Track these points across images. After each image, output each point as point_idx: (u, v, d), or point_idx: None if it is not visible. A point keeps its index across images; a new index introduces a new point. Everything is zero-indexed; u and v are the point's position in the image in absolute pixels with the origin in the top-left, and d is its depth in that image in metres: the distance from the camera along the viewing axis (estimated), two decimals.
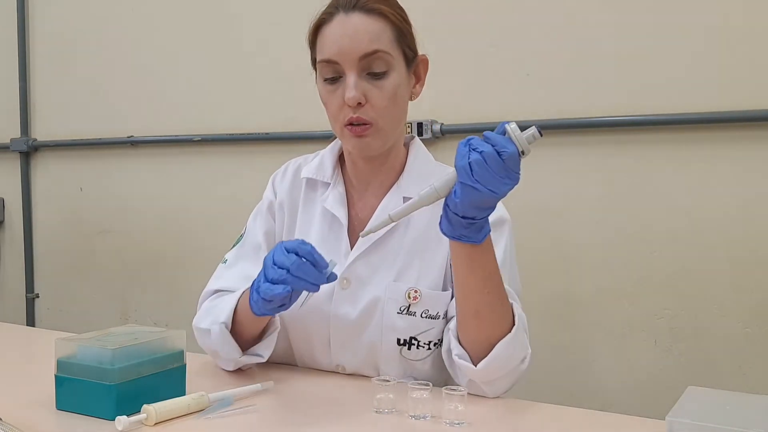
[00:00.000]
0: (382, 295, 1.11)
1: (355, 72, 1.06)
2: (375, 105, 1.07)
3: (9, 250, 2.92)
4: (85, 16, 2.67)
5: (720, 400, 0.83)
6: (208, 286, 1.21)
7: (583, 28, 1.81)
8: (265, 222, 1.24)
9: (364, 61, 1.06)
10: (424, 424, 0.91)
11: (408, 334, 1.11)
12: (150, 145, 2.54)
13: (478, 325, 1.00)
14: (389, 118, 1.10)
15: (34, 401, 0.97)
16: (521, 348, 1.03)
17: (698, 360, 1.71)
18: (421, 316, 1.11)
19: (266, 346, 1.12)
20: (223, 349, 1.10)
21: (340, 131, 1.11)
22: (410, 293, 1.11)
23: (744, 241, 1.65)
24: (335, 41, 1.06)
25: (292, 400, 1.02)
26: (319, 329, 1.15)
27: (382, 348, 1.12)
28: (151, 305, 2.57)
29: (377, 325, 1.11)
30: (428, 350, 1.12)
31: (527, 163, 0.94)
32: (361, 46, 1.05)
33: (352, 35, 1.05)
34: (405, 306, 1.11)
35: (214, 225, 2.39)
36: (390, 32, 1.08)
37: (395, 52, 1.08)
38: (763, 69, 1.63)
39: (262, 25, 2.29)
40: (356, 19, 1.06)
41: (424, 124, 1.95)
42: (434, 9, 1.94)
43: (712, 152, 1.68)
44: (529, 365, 1.06)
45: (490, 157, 0.90)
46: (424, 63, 1.16)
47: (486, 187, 0.89)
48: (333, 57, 1.06)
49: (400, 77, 1.10)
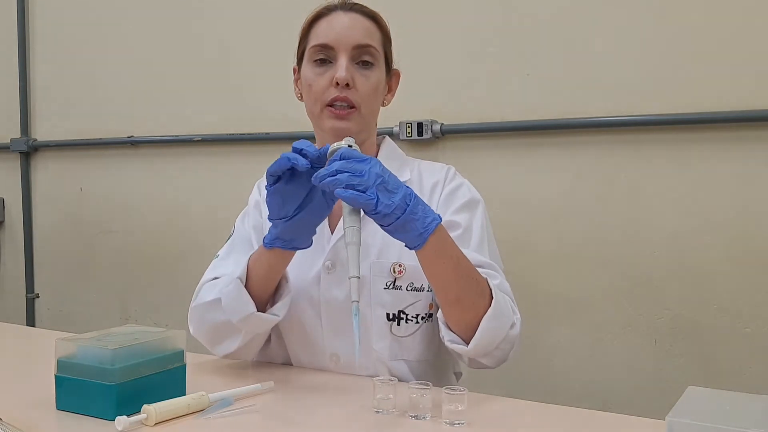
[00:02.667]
0: (367, 274, 1.14)
1: (347, 58, 1.13)
2: (360, 91, 1.14)
3: (9, 250, 2.92)
4: (85, 16, 2.67)
5: (720, 400, 0.83)
6: (204, 277, 1.22)
7: (582, 28, 1.81)
8: (252, 218, 1.27)
9: (356, 50, 1.14)
10: (424, 424, 0.91)
11: (396, 308, 1.15)
12: (150, 145, 2.54)
13: (461, 310, 1.04)
14: (369, 106, 1.16)
15: (34, 401, 0.97)
16: (505, 317, 1.06)
17: (698, 360, 1.71)
18: (406, 289, 1.15)
19: (282, 306, 1.11)
20: (237, 306, 1.08)
21: (320, 112, 1.16)
22: (395, 268, 1.15)
23: (744, 241, 1.65)
24: (332, 28, 1.15)
25: (292, 400, 1.02)
26: (310, 318, 1.17)
27: (372, 327, 1.14)
28: (151, 305, 2.57)
29: (366, 303, 1.14)
30: (416, 324, 1.16)
31: (527, 163, 0.94)
32: (356, 37, 1.14)
33: (350, 26, 1.14)
34: (391, 281, 1.15)
35: (214, 225, 2.39)
36: (379, 35, 1.18)
37: (381, 53, 1.18)
38: (764, 69, 1.63)
39: (262, 25, 2.29)
40: (354, 16, 1.16)
41: (424, 124, 1.95)
42: (434, 9, 1.94)
43: (712, 152, 1.68)
44: (520, 329, 1.09)
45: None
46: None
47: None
48: (329, 42, 1.14)
49: (382, 76, 1.18)
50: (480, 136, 1.93)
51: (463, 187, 1.22)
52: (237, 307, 1.08)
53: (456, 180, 1.23)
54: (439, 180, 1.23)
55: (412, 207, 0.95)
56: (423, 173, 1.25)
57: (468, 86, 1.95)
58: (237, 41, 2.35)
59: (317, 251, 1.17)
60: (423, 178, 1.24)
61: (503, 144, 1.91)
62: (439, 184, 1.22)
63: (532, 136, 1.87)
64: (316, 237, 1.14)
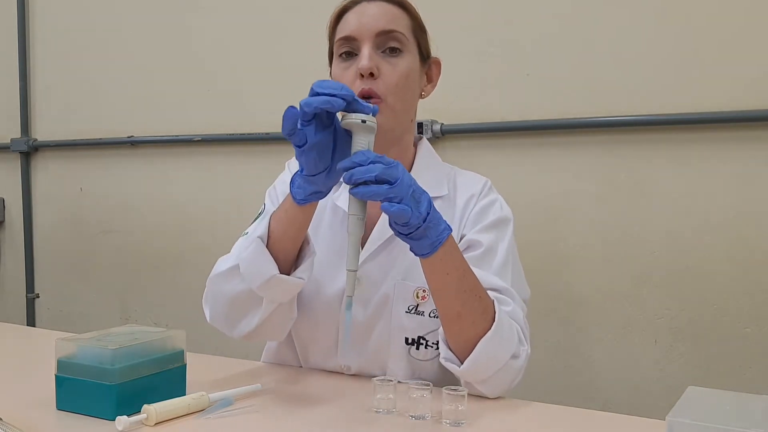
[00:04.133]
0: (390, 294, 1.11)
1: (371, 45, 1.07)
2: (386, 80, 1.07)
3: (9, 250, 2.92)
4: (85, 16, 2.67)
5: (720, 400, 0.83)
6: (227, 256, 1.12)
7: (583, 28, 1.81)
8: (284, 194, 1.17)
9: (380, 38, 1.08)
10: (424, 424, 0.91)
11: (416, 334, 1.11)
12: (150, 145, 2.54)
13: (460, 326, 1.00)
14: (399, 97, 1.08)
15: (34, 401, 0.97)
16: (507, 343, 1.01)
17: (698, 360, 1.71)
18: (429, 315, 1.11)
19: (306, 269, 1.03)
20: (258, 269, 1.00)
21: None
22: (418, 293, 1.11)
23: (744, 241, 1.65)
24: (355, 20, 1.09)
25: (292, 400, 1.02)
26: (327, 331, 1.14)
27: (390, 348, 1.12)
28: (151, 305, 2.57)
29: (386, 325, 1.11)
30: (436, 350, 1.11)
31: (528, 163, 0.94)
32: (379, 24, 1.08)
33: (372, 15, 1.09)
34: (413, 305, 1.11)
35: (214, 225, 2.39)
36: (408, 21, 1.11)
37: (411, 39, 1.11)
38: (764, 69, 1.63)
39: (263, 25, 2.28)
40: (380, 4, 1.10)
41: (424, 124, 1.95)
42: (434, 9, 1.94)
43: (712, 152, 1.68)
44: (525, 363, 1.05)
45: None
46: (437, 65, 1.19)
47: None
48: (351, 33, 1.09)
49: (414, 64, 1.11)
50: (480, 136, 1.93)
51: (496, 204, 1.17)
52: (257, 270, 1.00)
53: (490, 196, 1.18)
54: (474, 194, 1.17)
55: (431, 216, 0.92)
56: (458, 187, 1.19)
57: (468, 86, 1.95)
58: (237, 41, 2.34)
59: (343, 264, 1.14)
60: (458, 192, 1.18)
61: (503, 144, 1.91)
62: (473, 198, 1.17)
63: (532, 136, 1.87)
64: (343, 248, 1.06)
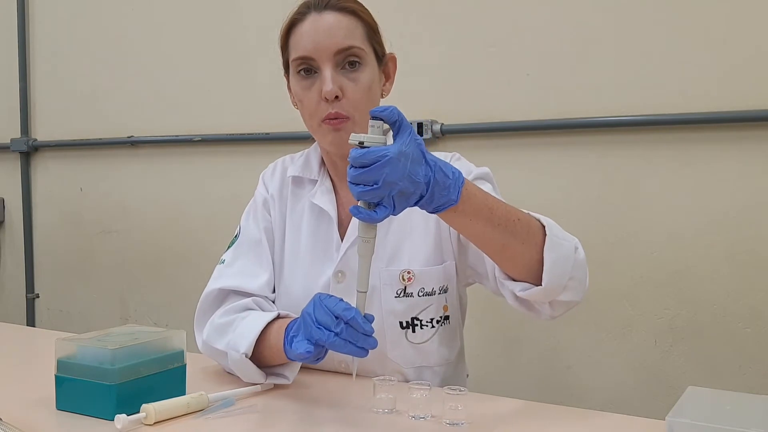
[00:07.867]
0: (377, 283, 1.12)
1: (331, 66, 1.07)
2: (351, 98, 1.08)
3: (9, 250, 2.92)
4: (84, 16, 2.67)
5: (720, 400, 0.83)
6: (208, 287, 1.19)
7: (583, 28, 1.81)
8: (263, 218, 1.23)
9: (339, 56, 1.08)
10: (424, 424, 0.91)
11: (409, 315, 1.12)
12: (150, 145, 2.54)
13: (513, 255, 0.98)
14: (365, 111, 1.07)
15: (34, 401, 0.97)
16: (566, 241, 1.00)
17: (698, 360, 1.71)
18: (418, 295, 1.12)
19: (293, 368, 1.08)
20: (245, 375, 1.06)
21: (317, 128, 1.11)
22: (403, 275, 1.12)
23: (744, 241, 1.65)
24: (310, 38, 1.08)
25: (292, 400, 1.02)
26: None
27: (386, 336, 1.12)
28: (151, 305, 2.57)
29: (377, 312, 1.12)
30: (432, 328, 1.13)
31: (528, 163, 0.93)
32: (336, 42, 1.07)
33: (327, 31, 1.07)
34: (401, 288, 1.12)
35: (214, 225, 2.39)
36: (362, 29, 1.11)
37: (368, 49, 1.11)
38: (764, 69, 1.63)
39: (261, 25, 2.28)
40: (329, 17, 1.09)
41: (424, 124, 1.95)
42: (434, 9, 1.94)
43: (712, 152, 1.68)
44: (583, 252, 1.03)
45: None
46: (393, 61, 1.19)
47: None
48: (308, 53, 1.08)
49: (373, 73, 1.12)
50: (480, 136, 1.93)
51: (471, 165, 1.18)
52: (246, 375, 1.06)
53: (461, 162, 1.19)
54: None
55: (434, 180, 0.86)
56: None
57: (468, 86, 1.95)
58: (237, 41, 2.35)
59: (326, 259, 1.15)
60: None
61: (503, 144, 1.91)
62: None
63: (532, 136, 1.87)
64: (324, 244, 1.10)
